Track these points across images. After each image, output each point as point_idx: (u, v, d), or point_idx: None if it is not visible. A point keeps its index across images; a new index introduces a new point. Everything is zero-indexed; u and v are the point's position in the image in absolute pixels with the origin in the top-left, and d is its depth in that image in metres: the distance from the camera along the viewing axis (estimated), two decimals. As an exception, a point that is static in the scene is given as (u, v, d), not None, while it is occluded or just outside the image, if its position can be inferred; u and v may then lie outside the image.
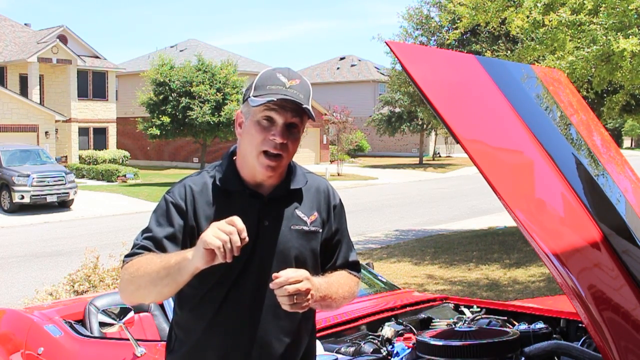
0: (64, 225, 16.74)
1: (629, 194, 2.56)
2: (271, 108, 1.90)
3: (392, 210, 18.18)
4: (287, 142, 1.92)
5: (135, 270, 1.85)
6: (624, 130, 57.54)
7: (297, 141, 1.96)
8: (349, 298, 2.06)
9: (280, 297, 1.76)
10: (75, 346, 3.58)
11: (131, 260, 1.90)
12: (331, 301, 1.97)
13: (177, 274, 1.77)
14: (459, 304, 3.74)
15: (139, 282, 1.85)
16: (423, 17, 14.88)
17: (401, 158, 43.35)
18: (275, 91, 1.90)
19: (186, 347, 2.02)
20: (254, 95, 1.93)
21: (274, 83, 1.92)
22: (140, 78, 29.53)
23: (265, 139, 1.91)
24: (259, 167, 1.94)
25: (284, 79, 1.93)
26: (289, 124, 1.92)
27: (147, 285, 1.83)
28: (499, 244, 11.23)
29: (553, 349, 2.70)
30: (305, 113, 1.94)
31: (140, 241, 1.94)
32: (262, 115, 1.92)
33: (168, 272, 1.78)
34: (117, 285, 6.09)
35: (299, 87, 1.93)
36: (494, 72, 2.39)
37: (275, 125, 1.91)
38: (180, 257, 1.77)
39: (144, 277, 1.82)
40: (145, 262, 1.85)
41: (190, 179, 2.04)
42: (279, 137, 1.90)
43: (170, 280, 1.79)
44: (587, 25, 7.33)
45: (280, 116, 1.91)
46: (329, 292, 1.94)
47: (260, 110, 1.92)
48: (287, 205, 2.01)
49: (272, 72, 1.97)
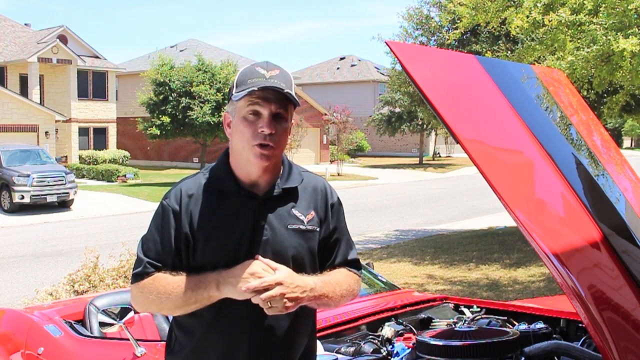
0: (64, 225, 16.74)
1: (628, 194, 2.56)
2: (255, 102, 1.93)
3: (392, 210, 18.18)
4: (275, 132, 1.94)
5: (156, 296, 1.94)
6: (624, 130, 57.54)
7: (286, 131, 1.99)
8: (348, 296, 2.06)
9: (256, 302, 1.87)
10: (75, 346, 3.58)
11: (143, 281, 1.96)
12: (328, 300, 1.98)
13: (206, 301, 1.92)
14: (459, 304, 3.73)
15: (161, 306, 1.97)
16: (423, 17, 14.87)
17: (401, 158, 43.35)
18: (256, 83, 1.92)
19: (186, 347, 2.02)
20: (236, 92, 1.96)
21: (253, 76, 1.95)
22: (140, 78, 29.54)
23: (254, 133, 1.93)
24: (253, 159, 1.95)
25: (263, 71, 1.95)
26: (275, 114, 1.95)
27: (172, 309, 1.97)
28: (499, 244, 11.23)
29: (553, 349, 2.70)
30: (289, 101, 1.96)
31: (144, 256, 1.98)
32: (248, 110, 1.94)
33: (196, 300, 1.91)
34: (117, 285, 6.09)
35: (279, 77, 1.96)
36: (494, 72, 2.39)
37: (262, 118, 1.94)
38: (208, 289, 1.91)
39: (167, 303, 1.94)
40: (165, 289, 1.93)
41: (186, 182, 2.05)
42: (267, 128, 1.92)
43: (198, 305, 1.93)
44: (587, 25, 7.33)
45: (264, 108, 1.93)
46: (325, 291, 1.95)
47: (245, 105, 1.94)
48: (283, 204, 2.02)
49: (251, 67, 2.00)
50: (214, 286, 1.88)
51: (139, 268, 1.97)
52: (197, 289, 1.90)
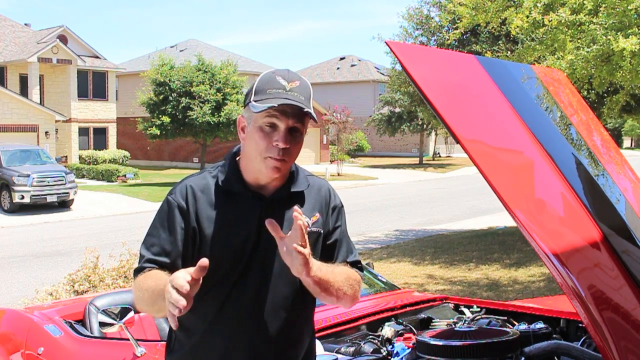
0: (64, 225, 16.75)
1: (628, 194, 2.56)
2: (272, 114, 1.90)
3: (392, 210, 18.18)
4: (290, 147, 1.92)
5: (141, 293, 1.89)
6: (624, 130, 57.54)
7: (300, 144, 1.96)
8: (349, 291, 1.99)
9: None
10: (75, 346, 3.58)
11: (138, 277, 1.93)
12: (329, 286, 1.91)
13: (163, 310, 1.71)
14: (459, 304, 3.73)
15: (141, 306, 1.92)
16: (423, 17, 14.87)
17: (401, 158, 43.36)
18: (276, 95, 1.89)
19: (187, 347, 2.02)
20: (254, 100, 1.92)
21: (274, 86, 1.91)
22: (140, 78, 29.54)
23: (269, 146, 1.91)
24: (264, 170, 1.94)
25: (284, 82, 1.92)
26: (292, 128, 1.92)
27: (148, 308, 1.90)
28: (499, 244, 11.23)
29: (553, 349, 2.70)
30: (307, 115, 1.94)
31: (146, 252, 1.96)
32: (265, 122, 1.91)
33: (155, 301, 1.82)
34: (117, 285, 6.10)
35: (300, 89, 1.93)
36: (494, 72, 2.39)
37: (278, 131, 1.91)
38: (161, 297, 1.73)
39: (145, 299, 1.88)
40: (150, 281, 1.86)
41: (192, 179, 2.04)
42: (282, 143, 1.90)
43: (161, 309, 1.76)
44: (587, 25, 7.33)
45: (282, 122, 1.90)
46: (328, 277, 1.90)
47: (262, 116, 1.91)
48: (289, 207, 2.00)
49: (271, 75, 1.96)
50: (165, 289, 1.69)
51: (139, 264, 1.97)
52: (159, 289, 1.77)
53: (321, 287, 1.88)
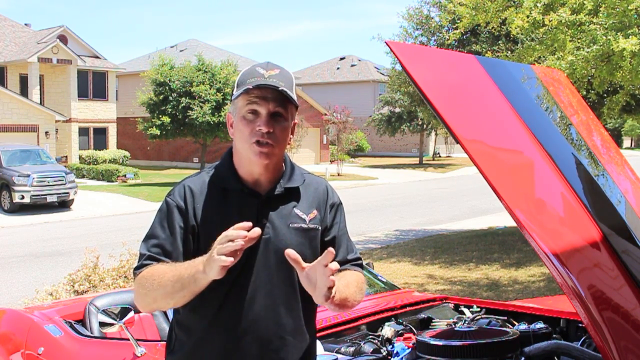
0: (64, 225, 16.74)
1: (629, 194, 2.56)
2: (253, 101, 1.95)
3: (392, 210, 18.18)
4: (274, 130, 1.95)
5: (150, 284, 1.88)
6: (624, 130, 57.53)
7: (286, 129, 2.00)
8: (360, 297, 2.03)
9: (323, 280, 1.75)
10: (75, 346, 3.58)
11: (141, 272, 1.93)
12: (347, 302, 1.94)
13: (192, 285, 1.81)
14: (459, 304, 3.74)
15: (154, 295, 1.89)
16: (423, 17, 14.87)
17: (401, 158, 43.35)
18: (254, 83, 1.95)
19: (187, 347, 2.02)
20: (236, 92, 1.98)
21: (253, 76, 1.97)
22: (140, 78, 29.53)
23: (253, 131, 1.95)
24: (253, 157, 1.97)
25: (263, 71, 1.98)
26: (273, 113, 1.96)
27: (163, 297, 1.87)
28: (499, 244, 11.23)
29: (553, 349, 2.70)
30: (289, 101, 1.97)
31: (147, 250, 1.96)
32: (247, 110, 1.97)
33: (183, 285, 1.82)
34: (117, 285, 6.10)
35: (279, 76, 1.97)
36: (494, 72, 2.39)
37: (260, 117, 1.95)
38: (193, 269, 1.80)
39: (159, 290, 1.86)
40: (158, 275, 1.87)
41: (190, 179, 2.07)
42: (264, 127, 1.94)
43: (186, 292, 1.84)
44: (587, 25, 7.34)
45: (262, 107, 1.95)
46: (346, 295, 1.92)
47: (244, 105, 1.97)
48: (285, 203, 2.03)
49: (251, 67, 2.02)
50: (200, 266, 1.77)
51: (138, 262, 1.98)
52: (184, 271, 1.83)
53: (340, 306, 1.90)
